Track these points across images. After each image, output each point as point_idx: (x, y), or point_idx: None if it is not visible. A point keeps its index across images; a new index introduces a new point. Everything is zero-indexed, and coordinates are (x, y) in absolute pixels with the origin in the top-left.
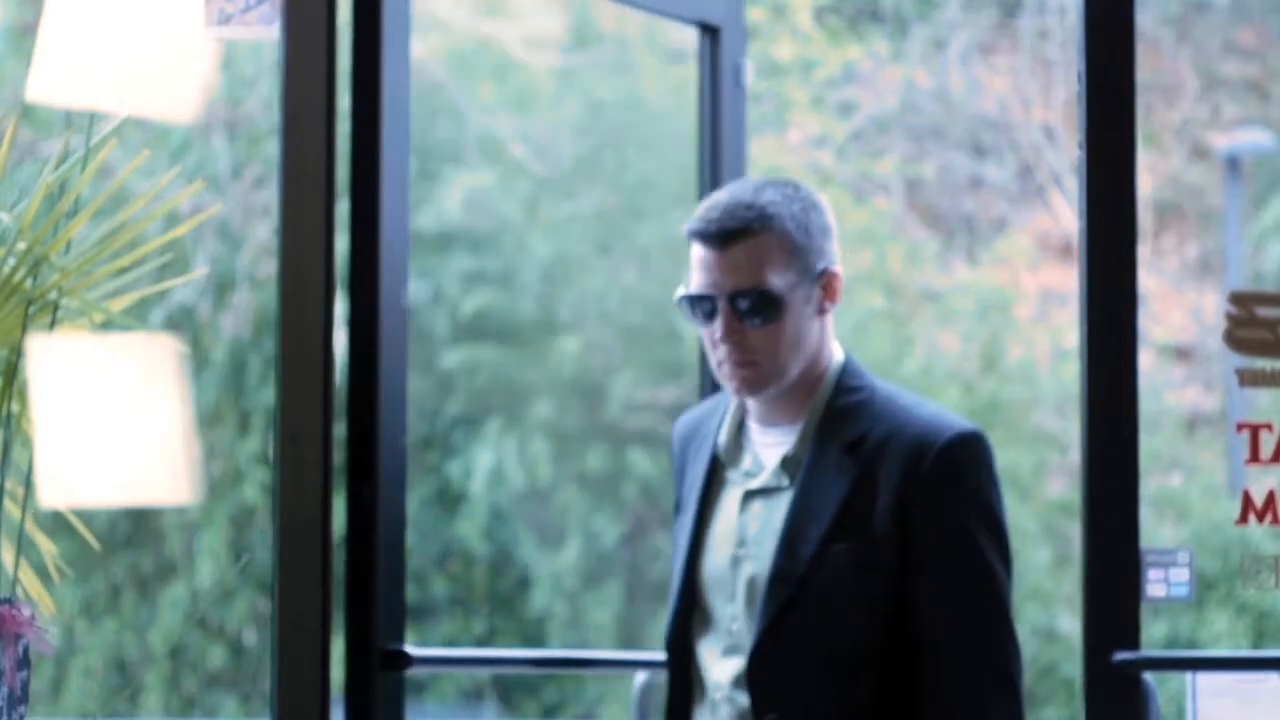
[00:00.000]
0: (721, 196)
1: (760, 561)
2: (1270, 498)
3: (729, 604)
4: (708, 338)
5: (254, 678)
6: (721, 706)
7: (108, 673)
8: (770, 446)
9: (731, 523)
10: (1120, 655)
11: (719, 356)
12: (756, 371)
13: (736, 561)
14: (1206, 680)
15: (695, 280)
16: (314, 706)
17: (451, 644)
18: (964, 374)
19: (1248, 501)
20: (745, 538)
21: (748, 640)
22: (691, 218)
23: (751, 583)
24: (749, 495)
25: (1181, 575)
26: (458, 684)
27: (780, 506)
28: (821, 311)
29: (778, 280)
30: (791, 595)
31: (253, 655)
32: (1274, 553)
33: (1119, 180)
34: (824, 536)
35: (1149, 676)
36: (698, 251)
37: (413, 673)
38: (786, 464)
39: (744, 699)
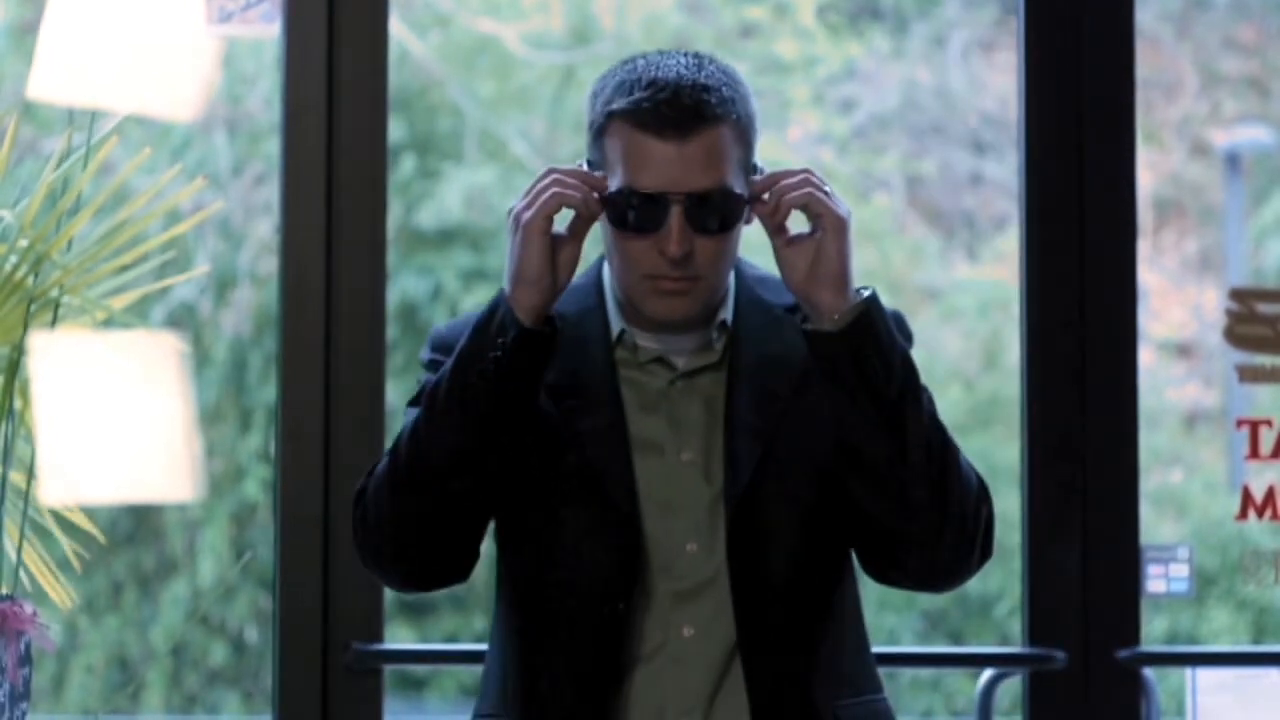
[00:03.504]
0: (660, 74)
1: (707, 439)
2: (1270, 493)
3: (673, 519)
4: (634, 248)
5: (255, 675)
6: (681, 660)
7: (109, 670)
8: (677, 342)
9: (657, 420)
10: (1120, 651)
11: (650, 269)
12: (696, 290)
13: (679, 469)
14: (1206, 676)
15: (638, 177)
16: (314, 703)
17: (451, 640)
18: (965, 372)
19: (1247, 497)
20: (682, 424)
21: (708, 567)
22: (620, 96)
23: (714, 495)
24: (672, 384)
25: (1181, 571)
26: (458, 681)
27: (722, 379)
28: (748, 220)
29: (735, 181)
30: (765, 452)
31: (254, 652)
32: (1274, 548)
33: (1119, 177)
34: (794, 391)
35: (1149, 672)
36: (640, 141)
37: (413, 669)
38: (721, 330)
39: (719, 629)
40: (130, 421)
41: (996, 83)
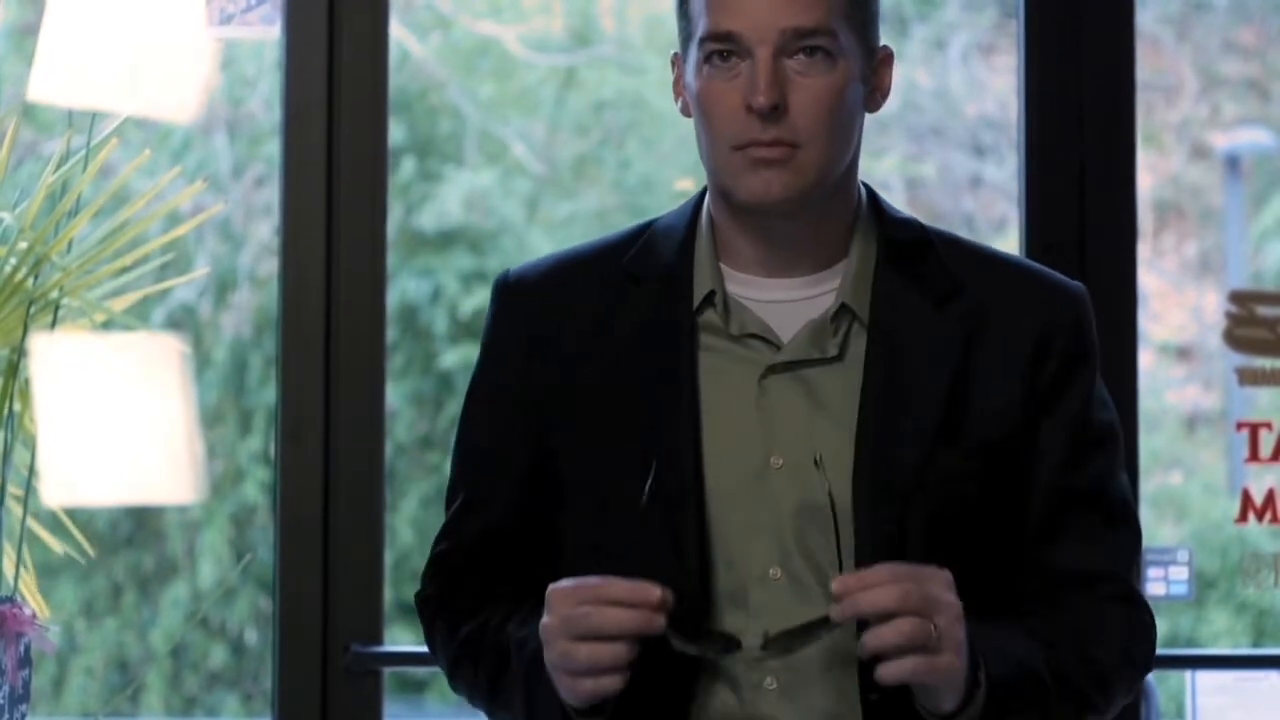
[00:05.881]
0: None
1: (811, 474)
2: (1270, 496)
3: (752, 539)
4: (720, 113)
5: (255, 677)
6: (759, 697)
7: (109, 672)
8: (785, 303)
9: (743, 415)
10: None
11: (738, 135)
12: (795, 161)
13: (764, 475)
14: (1206, 678)
15: (718, 22)
16: (314, 705)
17: None
18: None
19: (1247, 500)
20: (777, 435)
21: (794, 598)
22: None
23: (804, 509)
24: (769, 372)
25: (1181, 574)
26: None
27: (837, 387)
28: (870, 106)
29: (841, 31)
30: (895, 525)
31: (254, 654)
32: (1273, 551)
33: (1119, 180)
34: (931, 433)
35: (1149, 675)
36: None
37: (413, 672)
38: (840, 317)
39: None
40: (130, 423)
41: (996, 85)
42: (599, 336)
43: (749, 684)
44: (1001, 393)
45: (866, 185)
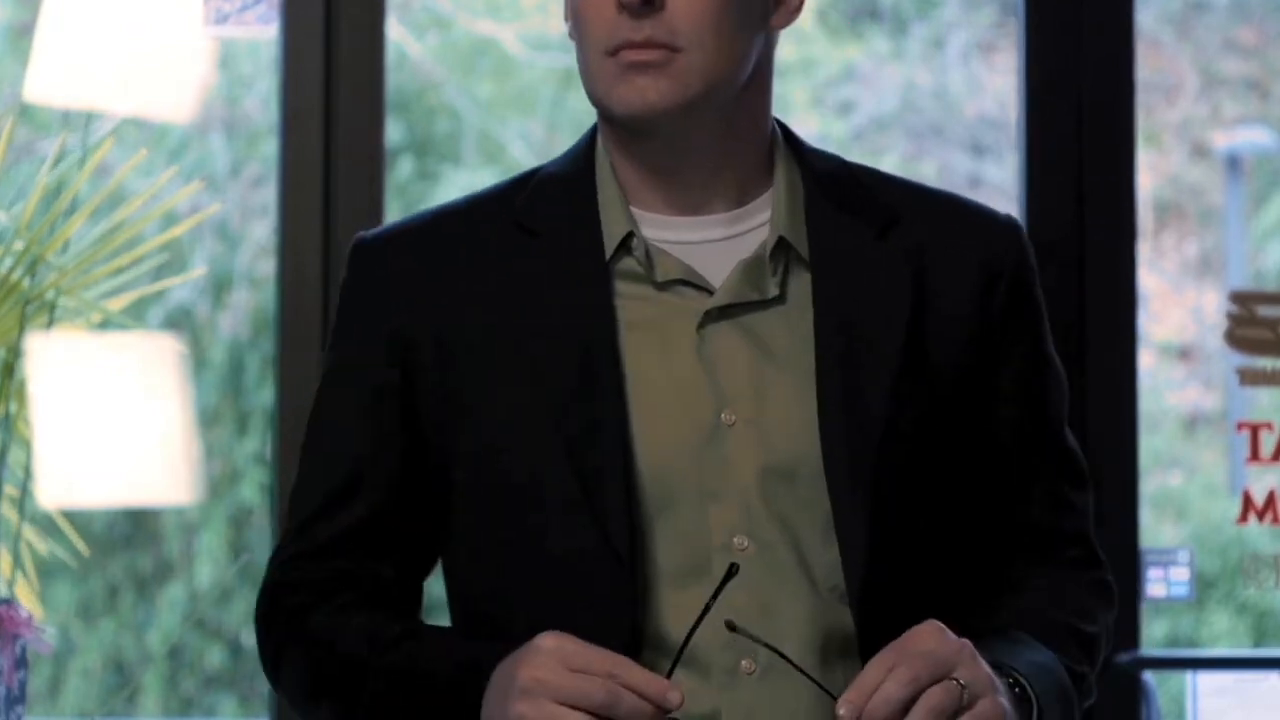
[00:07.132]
0: None
1: (770, 428)
2: (1270, 497)
3: (708, 506)
4: (590, 12)
5: (252, 678)
6: (733, 681)
7: (106, 673)
8: (706, 244)
9: (683, 371)
10: (1120, 655)
11: (609, 38)
12: (676, 66)
13: (716, 433)
14: (1206, 679)
15: None
16: None
17: None
18: None
19: (1248, 501)
20: (725, 389)
21: (770, 572)
22: None
23: (770, 469)
24: (706, 320)
25: (1181, 574)
26: None
27: (782, 332)
28: (776, 21)
29: None
30: (871, 479)
31: (251, 655)
32: (1274, 552)
33: (1119, 180)
34: (896, 376)
35: (1149, 676)
36: None
37: None
38: (777, 254)
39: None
40: (127, 424)
41: (996, 85)
42: (489, 298)
43: (718, 672)
44: (956, 326)
45: (780, 120)
